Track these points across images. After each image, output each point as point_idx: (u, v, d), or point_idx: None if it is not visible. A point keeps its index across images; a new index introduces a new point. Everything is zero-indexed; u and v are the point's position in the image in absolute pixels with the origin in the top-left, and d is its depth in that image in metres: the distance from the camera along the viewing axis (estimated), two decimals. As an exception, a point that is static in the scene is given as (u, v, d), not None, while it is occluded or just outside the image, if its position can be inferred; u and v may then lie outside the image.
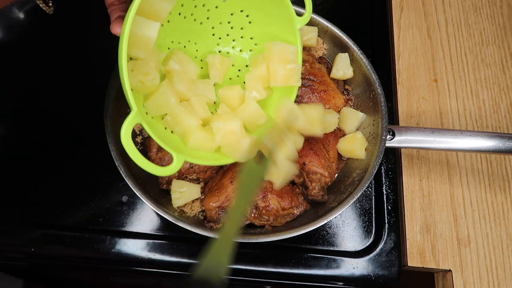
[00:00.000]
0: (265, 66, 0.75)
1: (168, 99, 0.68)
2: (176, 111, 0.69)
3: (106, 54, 0.87)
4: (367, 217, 0.88)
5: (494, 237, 0.89)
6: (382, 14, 1.13)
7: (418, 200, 0.92)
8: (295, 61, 0.75)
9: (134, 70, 0.64)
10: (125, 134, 0.56)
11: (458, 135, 0.80)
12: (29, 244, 0.82)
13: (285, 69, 0.73)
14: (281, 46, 0.73)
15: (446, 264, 0.87)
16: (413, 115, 1.02)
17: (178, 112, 0.69)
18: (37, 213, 0.85)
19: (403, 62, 1.09)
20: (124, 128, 0.56)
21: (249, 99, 0.76)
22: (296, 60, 0.75)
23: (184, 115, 0.69)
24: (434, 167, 0.96)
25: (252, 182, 0.62)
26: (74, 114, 0.94)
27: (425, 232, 0.89)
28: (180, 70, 0.72)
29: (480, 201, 0.93)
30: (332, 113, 0.87)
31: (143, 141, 0.87)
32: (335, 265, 0.82)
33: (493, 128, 1.02)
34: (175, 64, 0.72)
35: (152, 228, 0.84)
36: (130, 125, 0.57)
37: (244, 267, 0.82)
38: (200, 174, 0.82)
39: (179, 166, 0.63)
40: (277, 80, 0.74)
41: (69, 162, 0.90)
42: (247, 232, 0.80)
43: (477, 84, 1.07)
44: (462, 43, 1.12)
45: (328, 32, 0.94)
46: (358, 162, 0.85)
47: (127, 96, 0.58)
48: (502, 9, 1.17)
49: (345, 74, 0.92)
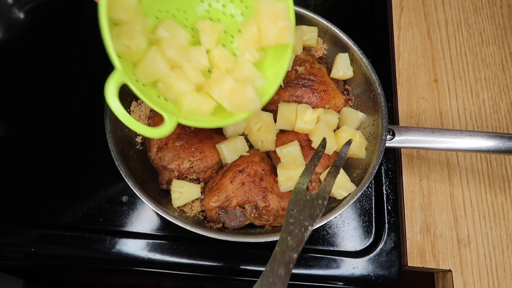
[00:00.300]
0: (255, 26, 0.73)
1: (157, 64, 0.66)
2: (167, 77, 0.67)
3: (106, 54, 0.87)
4: (367, 217, 0.88)
5: (494, 237, 0.89)
6: (382, 14, 1.13)
7: (418, 200, 0.92)
8: (287, 18, 0.72)
9: (120, 35, 0.63)
10: (110, 93, 0.55)
11: (458, 135, 0.80)
12: (29, 244, 0.82)
13: (276, 27, 0.70)
14: (270, 3, 0.69)
15: (446, 264, 0.87)
16: (413, 115, 1.02)
17: (169, 77, 0.67)
18: (37, 213, 0.85)
19: (403, 62, 1.09)
20: (108, 86, 0.55)
21: (242, 61, 0.74)
22: (287, 17, 0.72)
23: (176, 80, 0.67)
24: (434, 167, 0.96)
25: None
26: (74, 114, 0.94)
27: (425, 232, 0.89)
28: (170, 37, 0.70)
29: (480, 201, 0.93)
30: (332, 113, 0.87)
31: (143, 141, 0.87)
32: (335, 265, 0.82)
33: (493, 128, 1.02)
34: (164, 31, 0.70)
35: (152, 228, 0.84)
36: (114, 84, 0.56)
37: (244, 267, 0.82)
38: (200, 174, 0.82)
39: (171, 127, 0.61)
40: (269, 38, 0.71)
41: (69, 162, 0.90)
42: (247, 232, 0.80)
43: (477, 84, 1.07)
44: (462, 43, 1.12)
45: (328, 32, 0.94)
46: (358, 162, 0.85)
47: (109, 54, 0.57)
48: (502, 9, 1.17)
49: (345, 74, 0.92)
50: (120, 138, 0.81)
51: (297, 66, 0.90)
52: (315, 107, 0.87)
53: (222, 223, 0.79)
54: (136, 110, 0.87)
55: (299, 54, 0.92)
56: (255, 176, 0.80)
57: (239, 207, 0.79)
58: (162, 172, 0.83)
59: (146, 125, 0.59)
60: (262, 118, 0.83)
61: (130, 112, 0.87)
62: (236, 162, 0.82)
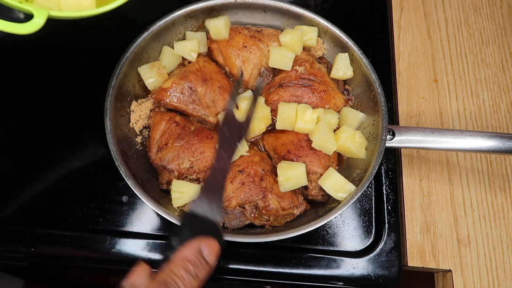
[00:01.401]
0: None
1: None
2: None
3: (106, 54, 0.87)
4: (367, 217, 0.88)
5: (494, 237, 0.89)
6: (382, 14, 1.13)
7: (418, 200, 0.92)
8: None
9: None
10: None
11: (458, 135, 0.80)
12: (29, 244, 0.82)
13: None
14: None
15: (446, 264, 0.87)
16: (413, 115, 1.02)
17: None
18: (37, 213, 0.85)
19: (403, 62, 1.09)
20: None
21: None
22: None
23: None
24: (434, 167, 0.96)
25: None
26: (74, 114, 0.94)
27: (425, 232, 0.89)
28: None
29: (480, 201, 0.93)
30: (332, 113, 0.87)
31: (143, 141, 0.87)
32: (335, 265, 0.82)
33: (493, 128, 1.02)
34: None
35: (152, 228, 0.84)
36: None
37: (244, 267, 0.82)
38: (200, 174, 0.82)
39: (41, 21, 0.59)
40: None
41: (69, 162, 0.90)
42: (247, 232, 0.80)
43: (477, 84, 1.07)
44: (462, 43, 1.12)
45: (328, 32, 0.94)
46: (358, 162, 0.85)
47: None
48: (502, 9, 1.17)
49: (345, 74, 0.92)
50: (120, 138, 0.82)
51: (297, 66, 0.90)
52: (315, 107, 0.87)
53: (222, 223, 0.79)
54: (137, 110, 0.87)
55: (299, 54, 0.92)
56: (255, 176, 0.80)
57: (239, 207, 0.79)
58: (162, 172, 0.83)
59: (13, 22, 0.55)
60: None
61: (130, 112, 0.87)
62: (236, 162, 0.82)
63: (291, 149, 0.83)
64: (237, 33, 0.92)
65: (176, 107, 0.87)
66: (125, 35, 0.88)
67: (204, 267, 0.50)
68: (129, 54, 0.85)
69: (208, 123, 0.89)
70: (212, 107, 0.88)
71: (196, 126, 0.86)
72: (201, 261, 0.49)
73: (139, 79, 0.89)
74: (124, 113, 0.86)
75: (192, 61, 0.90)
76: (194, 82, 0.86)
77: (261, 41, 0.92)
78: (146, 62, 0.90)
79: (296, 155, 0.82)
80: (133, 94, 0.89)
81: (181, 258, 0.49)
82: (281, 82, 0.89)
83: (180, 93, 0.86)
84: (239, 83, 0.91)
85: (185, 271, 0.48)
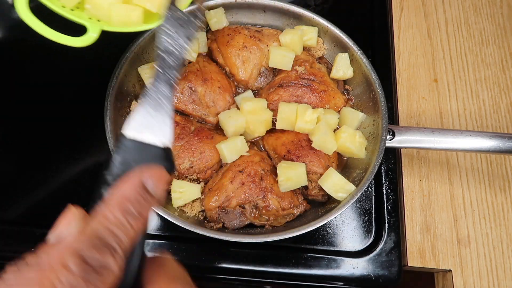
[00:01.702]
0: None
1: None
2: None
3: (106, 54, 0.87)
4: (367, 217, 0.88)
5: (494, 237, 0.89)
6: (382, 14, 1.13)
7: (418, 200, 0.92)
8: None
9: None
10: (20, 6, 0.53)
11: (458, 135, 0.80)
12: (29, 244, 0.82)
13: None
14: None
15: (446, 264, 0.87)
16: (413, 115, 1.02)
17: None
18: (37, 213, 0.85)
19: (403, 62, 1.09)
20: (17, 1, 0.52)
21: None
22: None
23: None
24: (434, 167, 0.96)
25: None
26: (74, 114, 0.94)
27: (425, 232, 0.89)
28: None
29: (480, 201, 0.93)
30: (332, 113, 0.87)
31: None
32: (335, 265, 0.82)
33: (493, 128, 1.02)
34: None
35: (152, 228, 0.84)
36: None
37: (244, 267, 0.82)
38: (200, 174, 0.82)
39: (95, 35, 0.60)
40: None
41: (69, 162, 0.90)
42: (247, 232, 0.80)
43: (477, 84, 1.07)
44: (462, 43, 1.12)
45: (328, 32, 0.94)
46: (358, 162, 0.85)
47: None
48: (502, 9, 1.17)
49: (345, 74, 0.92)
50: (120, 138, 0.81)
51: (297, 66, 0.90)
52: (315, 107, 0.87)
53: (222, 223, 0.79)
54: None
55: (299, 54, 0.92)
56: (255, 176, 0.80)
57: (239, 207, 0.79)
58: (162, 172, 0.82)
59: (68, 36, 0.56)
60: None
61: (131, 112, 0.87)
62: (236, 162, 0.82)
63: (291, 149, 0.83)
64: (237, 33, 0.92)
65: (176, 107, 0.87)
66: (125, 35, 0.88)
67: (149, 203, 0.39)
68: (129, 54, 0.85)
69: (208, 123, 0.89)
70: (212, 107, 0.88)
71: (196, 126, 0.86)
72: (145, 196, 0.39)
73: (139, 79, 0.89)
74: (124, 113, 0.87)
75: (192, 61, 0.90)
76: (194, 82, 0.86)
77: (261, 41, 0.92)
78: (146, 62, 0.90)
79: (296, 155, 0.82)
80: (133, 94, 0.89)
81: (118, 198, 0.38)
82: (281, 82, 0.89)
83: (180, 93, 0.86)
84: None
85: (123, 215, 0.37)
